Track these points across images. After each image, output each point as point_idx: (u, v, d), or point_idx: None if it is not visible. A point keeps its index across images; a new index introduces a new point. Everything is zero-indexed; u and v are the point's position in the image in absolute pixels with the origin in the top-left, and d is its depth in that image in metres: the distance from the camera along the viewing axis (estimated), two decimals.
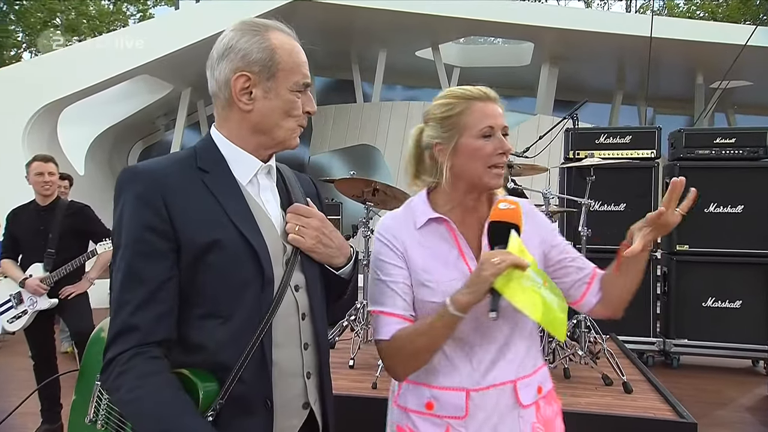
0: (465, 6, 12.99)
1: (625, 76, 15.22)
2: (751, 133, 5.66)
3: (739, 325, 5.46)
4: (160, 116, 13.83)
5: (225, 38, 1.29)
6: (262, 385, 1.21)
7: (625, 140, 5.83)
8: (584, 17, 14.17)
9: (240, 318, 1.19)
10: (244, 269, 1.21)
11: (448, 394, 1.42)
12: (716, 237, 5.58)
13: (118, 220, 1.18)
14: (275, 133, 1.30)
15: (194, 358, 1.18)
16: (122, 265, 1.15)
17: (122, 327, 1.12)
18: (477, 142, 1.41)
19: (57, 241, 4.02)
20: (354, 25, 12.66)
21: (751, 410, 4.48)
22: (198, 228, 1.18)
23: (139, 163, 1.25)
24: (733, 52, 9.03)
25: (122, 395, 1.10)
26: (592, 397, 3.49)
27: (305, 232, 1.30)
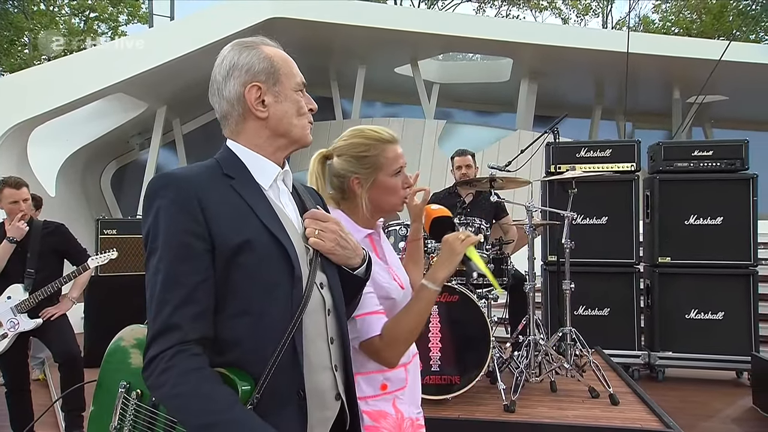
0: (444, 22, 13.23)
1: (603, 91, 15.52)
2: (728, 145, 5.83)
3: (722, 337, 5.57)
4: (134, 135, 13.73)
5: (224, 61, 1.40)
6: (294, 378, 1.28)
7: (605, 154, 5.98)
8: (562, 33, 14.48)
9: (272, 314, 1.26)
10: (275, 268, 1.29)
11: (396, 372, 1.73)
12: (697, 249, 5.71)
13: (153, 224, 1.23)
14: (292, 133, 1.42)
15: (228, 355, 1.24)
16: (161, 267, 1.20)
17: (163, 326, 1.17)
18: (392, 180, 1.75)
19: (36, 261, 4.02)
20: (333, 41, 12.78)
21: (737, 421, 4.57)
22: (231, 229, 1.25)
23: (169, 171, 1.32)
24: (708, 67, 9.30)
25: (168, 391, 1.15)
26: (580, 410, 3.56)
27: (324, 235, 1.40)
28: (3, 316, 3.94)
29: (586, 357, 3.96)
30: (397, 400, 1.74)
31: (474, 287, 4.20)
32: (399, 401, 1.75)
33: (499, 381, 3.68)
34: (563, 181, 4.45)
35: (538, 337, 3.96)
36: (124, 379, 1.32)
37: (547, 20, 27.54)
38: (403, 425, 1.74)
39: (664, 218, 5.84)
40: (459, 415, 3.45)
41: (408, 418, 1.76)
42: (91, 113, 12.14)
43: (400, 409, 1.74)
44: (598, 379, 3.83)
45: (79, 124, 12.18)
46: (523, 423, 3.33)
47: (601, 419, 3.36)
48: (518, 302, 4.68)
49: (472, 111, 16.84)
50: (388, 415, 1.71)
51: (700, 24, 25.19)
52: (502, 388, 3.63)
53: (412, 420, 1.78)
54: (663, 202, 5.85)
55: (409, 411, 1.77)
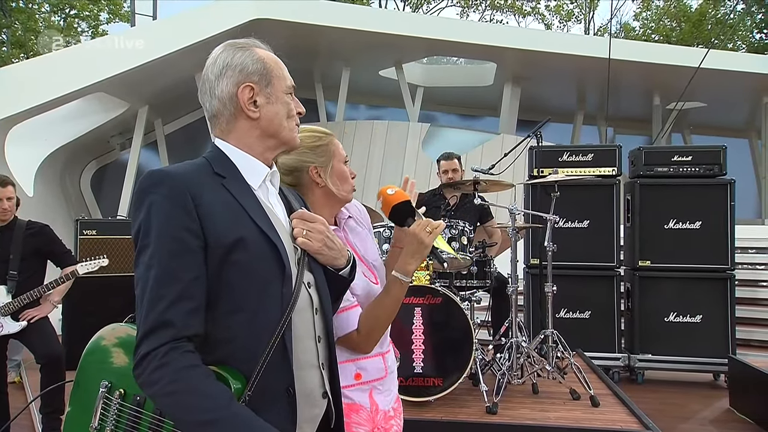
0: (428, 26, 13.26)
1: (585, 96, 15.67)
2: (707, 151, 5.93)
3: (700, 339, 5.65)
4: (115, 135, 13.57)
5: (218, 60, 1.41)
6: (284, 376, 1.29)
7: (587, 158, 6.04)
8: (545, 38, 14.60)
9: (264, 312, 1.28)
10: (267, 266, 1.30)
11: (372, 362, 1.77)
12: (676, 252, 5.79)
13: (145, 219, 1.23)
14: (281, 134, 1.44)
15: (219, 353, 1.24)
16: (154, 263, 1.20)
17: (157, 322, 1.17)
18: (344, 167, 1.81)
19: (19, 263, 3.98)
20: (317, 43, 12.75)
21: (714, 423, 4.64)
22: (224, 226, 1.26)
23: (161, 168, 1.31)
24: (687, 74, 9.43)
25: (162, 388, 1.14)
26: (561, 411, 3.60)
27: (312, 236, 1.42)
28: None
29: (568, 359, 4.00)
30: (374, 390, 1.77)
31: (457, 289, 4.23)
32: (376, 392, 1.78)
33: (481, 383, 3.70)
34: (546, 184, 4.49)
35: (521, 340, 3.99)
36: (105, 379, 1.31)
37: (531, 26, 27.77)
38: (377, 418, 1.76)
39: (644, 222, 5.91)
40: (441, 416, 3.46)
41: (382, 410, 1.78)
42: (70, 112, 11.98)
43: (376, 400, 1.77)
44: (579, 381, 3.87)
45: (58, 123, 12.01)
46: (505, 425, 3.36)
47: (582, 421, 3.40)
48: (501, 305, 4.73)
49: (456, 114, 16.90)
50: (361, 408, 1.73)
51: (680, 32, 25.56)
52: (484, 390, 3.66)
53: (385, 412, 1.79)
54: (643, 206, 5.92)
55: (385, 403, 1.80)
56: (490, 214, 5.04)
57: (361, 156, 12.59)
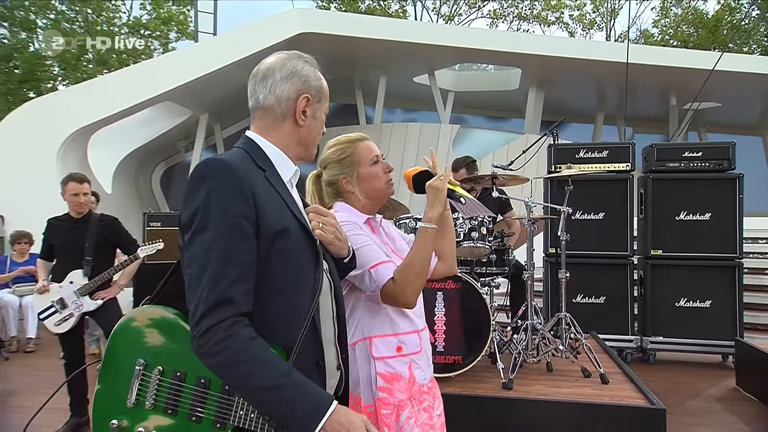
0: (457, 36, 13.12)
1: (605, 98, 15.27)
2: (716, 147, 5.71)
3: (709, 323, 5.47)
4: (180, 139, 13.88)
5: (288, 63, 1.41)
6: (315, 351, 1.31)
7: (602, 155, 5.89)
8: (566, 45, 14.28)
9: (301, 295, 1.29)
10: (304, 254, 1.32)
11: (409, 337, 1.78)
12: (687, 242, 5.61)
13: (205, 203, 1.20)
14: (310, 147, 1.47)
15: (264, 331, 1.22)
16: (215, 246, 1.18)
17: (220, 299, 1.15)
18: (372, 169, 1.81)
19: (93, 250, 4.11)
20: (357, 54, 12.76)
21: (720, 400, 4.48)
22: (273, 216, 1.26)
23: (217, 156, 1.29)
24: (702, 76, 9.09)
25: (226, 358, 1.14)
26: (572, 388, 3.51)
27: (326, 228, 1.43)
28: (68, 298, 4.04)
29: (580, 340, 3.90)
30: (413, 364, 1.77)
31: (478, 276, 4.18)
32: (415, 365, 1.78)
33: (498, 361, 3.64)
34: (562, 179, 4.38)
35: (536, 322, 3.92)
36: (140, 357, 1.29)
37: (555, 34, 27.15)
38: (413, 389, 1.75)
39: (656, 214, 5.73)
40: (461, 391, 3.42)
41: (418, 383, 1.77)
42: (143, 119, 12.30)
43: (414, 373, 1.77)
44: (590, 361, 3.78)
45: (132, 129, 12.35)
46: (519, 399, 3.29)
47: (591, 396, 3.31)
48: (518, 290, 4.65)
49: (484, 116, 16.69)
50: (401, 377, 1.74)
51: (697, 37, 24.63)
52: (501, 367, 3.60)
53: (420, 385, 1.78)
54: (656, 199, 5.74)
55: (421, 377, 1.79)
56: (509, 206, 4.95)
57: (397, 155, 12.55)
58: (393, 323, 1.76)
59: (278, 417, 1.17)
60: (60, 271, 4.15)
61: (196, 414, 1.24)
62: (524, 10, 27.10)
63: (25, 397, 4.64)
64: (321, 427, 1.15)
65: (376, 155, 1.84)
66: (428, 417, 1.78)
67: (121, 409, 1.28)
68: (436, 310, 3.61)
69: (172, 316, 1.32)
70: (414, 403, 1.74)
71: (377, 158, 1.84)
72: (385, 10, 26.36)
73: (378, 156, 1.84)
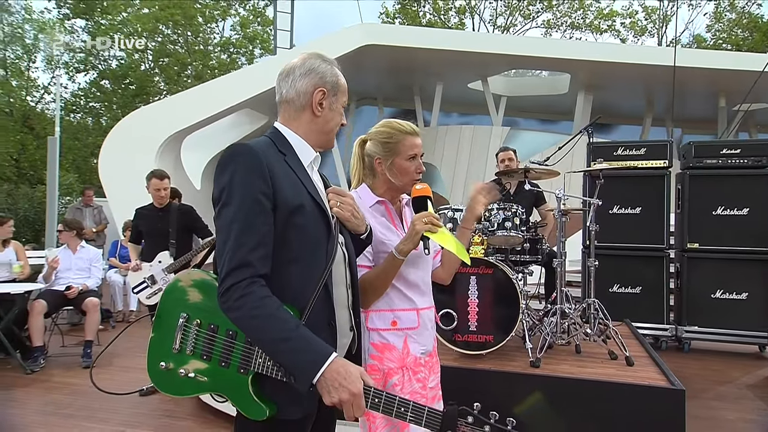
0: (509, 44, 12.88)
1: (654, 100, 14.55)
2: (754, 144, 5.39)
3: (745, 315, 5.17)
4: None
5: (307, 62, 1.48)
6: (327, 311, 1.36)
7: (640, 152, 5.65)
8: (615, 50, 13.70)
9: (314, 263, 1.35)
10: (318, 228, 1.37)
11: (406, 314, 1.80)
12: (723, 236, 5.32)
13: (229, 183, 1.28)
14: (329, 136, 1.52)
15: (281, 293, 1.29)
16: (238, 218, 1.26)
17: (240, 262, 1.24)
18: (406, 164, 1.80)
19: (176, 234, 4.40)
20: (415, 63, 12.77)
21: (751, 387, 4.22)
22: (289, 194, 1.32)
23: (242, 142, 1.37)
24: (752, 78, 8.51)
25: (245, 313, 1.22)
26: (597, 368, 3.43)
27: (343, 207, 1.48)
28: (157, 275, 4.34)
29: (608, 324, 3.79)
30: (408, 338, 1.79)
31: (513, 263, 4.14)
32: (411, 339, 1.80)
33: (527, 341, 3.60)
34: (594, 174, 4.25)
35: (566, 307, 3.84)
36: (183, 312, 1.38)
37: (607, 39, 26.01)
38: (407, 359, 1.78)
39: (693, 209, 5.46)
40: (491, 367, 3.41)
41: (413, 355, 1.80)
42: (227, 125, 12.84)
43: (409, 346, 1.79)
44: (617, 345, 3.67)
45: (218, 133, 12.91)
46: (544, 375, 3.24)
47: (614, 376, 3.21)
48: (552, 277, 4.56)
49: (535, 119, 16.29)
50: (394, 348, 1.77)
51: (751, 41, 22.95)
52: (529, 347, 3.56)
53: (416, 357, 1.81)
54: (693, 194, 5.47)
55: (417, 349, 1.81)
56: (543, 199, 4.85)
57: (451, 155, 12.49)
58: (390, 300, 1.78)
59: (286, 365, 1.25)
60: (149, 252, 4.44)
61: (226, 360, 1.33)
62: (577, 19, 26.16)
63: (126, 359, 4.99)
64: (321, 374, 1.21)
65: (415, 152, 1.82)
66: (421, 387, 1.80)
67: (168, 353, 1.39)
68: (470, 293, 3.61)
69: (209, 278, 1.41)
70: (405, 372, 1.77)
71: (415, 155, 1.82)
72: (445, 23, 26.17)
73: (417, 154, 1.82)
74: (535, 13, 26.53)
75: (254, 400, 1.28)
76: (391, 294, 1.78)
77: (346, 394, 1.20)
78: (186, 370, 1.36)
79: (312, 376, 1.21)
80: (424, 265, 1.86)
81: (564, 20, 26.36)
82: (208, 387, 1.34)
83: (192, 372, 1.36)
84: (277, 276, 1.31)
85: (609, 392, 3.05)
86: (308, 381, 1.21)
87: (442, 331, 3.58)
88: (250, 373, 1.30)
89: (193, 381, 1.35)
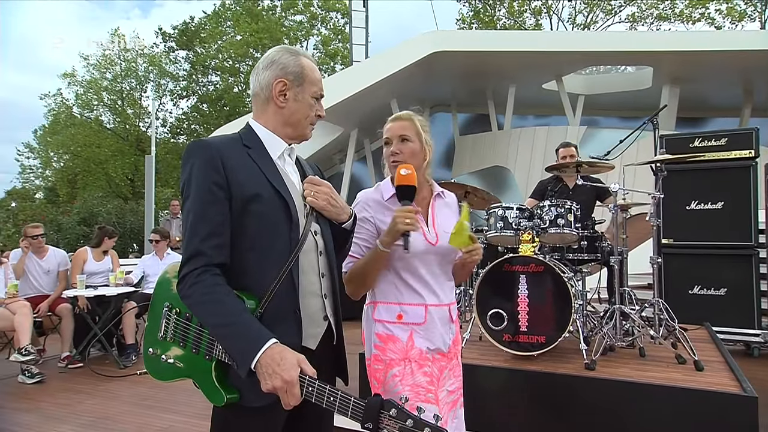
0: (583, 40, 12.25)
1: (752, 89, 13.17)
2: None
3: None
4: (335, 153, 14.71)
5: (270, 55, 1.48)
6: (291, 300, 1.34)
7: (721, 142, 5.09)
8: (705, 38, 12.56)
9: (275, 251, 1.33)
10: (277, 215, 1.35)
11: (413, 308, 1.74)
12: None
13: (188, 177, 1.32)
14: (297, 127, 1.47)
15: (240, 282, 1.31)
16: (193, 209, 1.30)
17: (193, 252, 1.27)
18: (386, 149, 1.82)
19: None
20: (487, 67, 12.50)
21: None
22: (245, 184, 1.33)
23: (202, 138, 1.41)
24: None
25: (195, 299, 1.25)
26: (661, 372, 3.09)
27: (318, 195, 1.45)
28: None
29: (673, 326, 3.42)
30: (414, 333, 1.73)
31: (570, 262, 3.88)
32: (416, 334, 1.73)
33: (581, 342, 3.34)
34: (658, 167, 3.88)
35: (628, 308, 3.52)
36: (167, 301, 1.43)
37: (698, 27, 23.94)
38: (410, 352, 1.71)
39: None
40: (542, 369, 3.19)
41: (418, 348, 1.72)
42: None
43: (414, 339, 1.73)
44: (686, 349, 3.30)
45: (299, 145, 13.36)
46: (599, 379, 2.98)
47: (678, 381, 2.87)
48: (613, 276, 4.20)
49: (616, 117, 15.32)
50: (397, 340, 1.72)
51: None
52: (584, 349, 3.29)
53: (421, 351, 1.73)
54: None
55: (422, 344, 1.74)
56: (607, 193, 4.50)
57: (525, 158, 12.06)
58: (398, 293, 1.74)
59: (228, 350, 1.24)
60: None
61: (196, 347, 1.34)
62: (664, 10, 24.37)
63: None
64: (257, 359, 1.18)
65: (387, 137, 1.81)
66: (428, 382, 1.70)
67: (155, 340, 1.43)
68: (519, 291, 3.41)
69: None
70: (407, 365, 1.69)
71: (388, 140, 1.80)
72: (521, 27, 25.43)
73: (389, 138, 1.80)
74: (617, 8, 25.06)
75: (215, 385, 1.27)
76: (401, 287, 1.74)
77: (279, 381, 1.16)
78: (167, 356, 1.39)
79: (249, 361, 1.19)
80: (439, 262, 1.78)
81: (650, 12, 24.66)
82: (184, 372, 1.35)
83: (171, 358, 1.38)
84: (237, 263, 1.31)
85: (669, 397, 2.74)
86: (246, 366, 1.19)
87: (492, 331, 3.42)
88: (213, 359, 1.30)
89: (172, 366, 1.37)
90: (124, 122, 27.44)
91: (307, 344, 1.38)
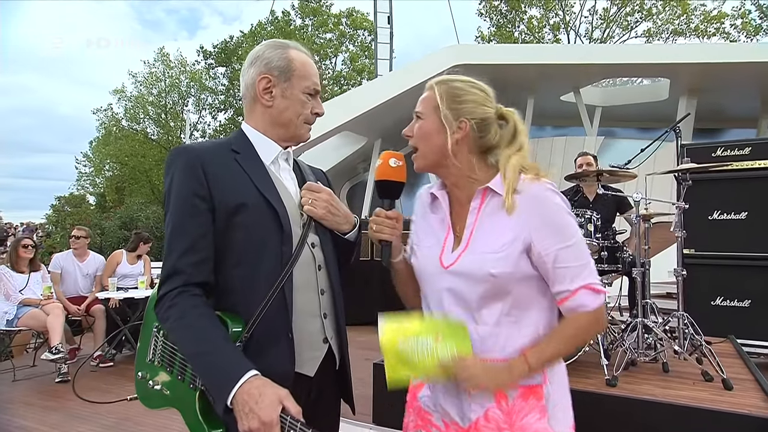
0: (600, 53, 11.85)
1: None
2: None
3: None
4: (359, 162, 14.56)
5: (254, 51, 1.29)
6: (283, 321, 1.14)
7: (744, 152, 4.74)
8: (722, 50, 12.01)
9: (264, 267, 1.14)
10: (267, 226, 1.16)
11: None
12: None
13: (169, 186, 1.17)
14: (289, 127, 1.27)
15: (226, 301, 1.13)
16: (172, 221, 1.13)
17: (170, 270, 1.10)
18: None
19: None
20: (507, 79, 12.15)
21: None
22: (229, 193, 1.15)
23: (184, 144, 1.25)
24: None
25: (170, 324, 1.08)
26: (686, 391, 2.80)
27: (316, 203, 1.25)
28: None
29: (699, 341, 3.12)
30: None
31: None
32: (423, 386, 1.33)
33: (602, 357, 3.06)
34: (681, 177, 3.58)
35: (650, 322, 3.23)
36: (156, 322, 1.26)
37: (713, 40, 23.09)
38: (413, 402, 1.33)
39: None
40: None
41: (418, 404, 1.30)
42: (331, 147, 13.16)
43: (417, 390, 1.33)
44: (713, 365, 2.99)
45: (324, 155, 13.28)
46: (620, 396, 2.70)
47: (704, 401, 2.58)
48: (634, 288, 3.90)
49: (634, 128, 14.79)
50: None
51: None
52: (605, 364, 3.01)
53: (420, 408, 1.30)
54: None
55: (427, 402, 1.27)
56: (628, 205, 4.21)
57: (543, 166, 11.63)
58: None
59: (204, 383, 1.05)
60: None
61: (182, 374, 1.16)
62: (680, 25, 23.60)
63: None
64: (232, 395, 0.98)
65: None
66: None
67: (144, 363, 1.26)
68: None
69: None
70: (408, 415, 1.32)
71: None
72: (540, 42, 24.97)
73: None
74: (633, 23, 24.39)
75: (198, 418, 1.08)
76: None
77: (256, 422, 0.96)
78: (155, 381, 1.22)
79: (225, 397, 0.99)
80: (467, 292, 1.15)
81: (665, 27, 23.92)
82: (170, 401, 1.17)
83: (159, 384, 1.21)
84: (223, 281, 1.12)
85: (696, 418, 2.45)
86: (222, 402, 0.99)
87: None
88: (197, 389, 1.10)
89: (159, 393, 1.20)
90: (167, 134, 27.96)
91: (302, 370, 1.17)
